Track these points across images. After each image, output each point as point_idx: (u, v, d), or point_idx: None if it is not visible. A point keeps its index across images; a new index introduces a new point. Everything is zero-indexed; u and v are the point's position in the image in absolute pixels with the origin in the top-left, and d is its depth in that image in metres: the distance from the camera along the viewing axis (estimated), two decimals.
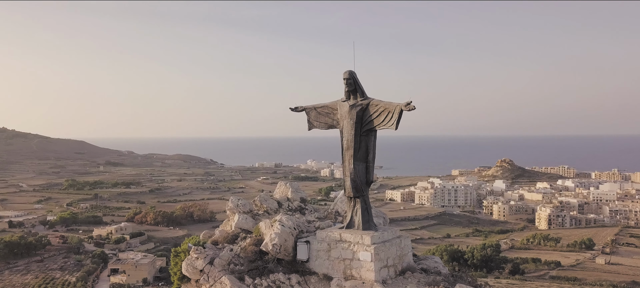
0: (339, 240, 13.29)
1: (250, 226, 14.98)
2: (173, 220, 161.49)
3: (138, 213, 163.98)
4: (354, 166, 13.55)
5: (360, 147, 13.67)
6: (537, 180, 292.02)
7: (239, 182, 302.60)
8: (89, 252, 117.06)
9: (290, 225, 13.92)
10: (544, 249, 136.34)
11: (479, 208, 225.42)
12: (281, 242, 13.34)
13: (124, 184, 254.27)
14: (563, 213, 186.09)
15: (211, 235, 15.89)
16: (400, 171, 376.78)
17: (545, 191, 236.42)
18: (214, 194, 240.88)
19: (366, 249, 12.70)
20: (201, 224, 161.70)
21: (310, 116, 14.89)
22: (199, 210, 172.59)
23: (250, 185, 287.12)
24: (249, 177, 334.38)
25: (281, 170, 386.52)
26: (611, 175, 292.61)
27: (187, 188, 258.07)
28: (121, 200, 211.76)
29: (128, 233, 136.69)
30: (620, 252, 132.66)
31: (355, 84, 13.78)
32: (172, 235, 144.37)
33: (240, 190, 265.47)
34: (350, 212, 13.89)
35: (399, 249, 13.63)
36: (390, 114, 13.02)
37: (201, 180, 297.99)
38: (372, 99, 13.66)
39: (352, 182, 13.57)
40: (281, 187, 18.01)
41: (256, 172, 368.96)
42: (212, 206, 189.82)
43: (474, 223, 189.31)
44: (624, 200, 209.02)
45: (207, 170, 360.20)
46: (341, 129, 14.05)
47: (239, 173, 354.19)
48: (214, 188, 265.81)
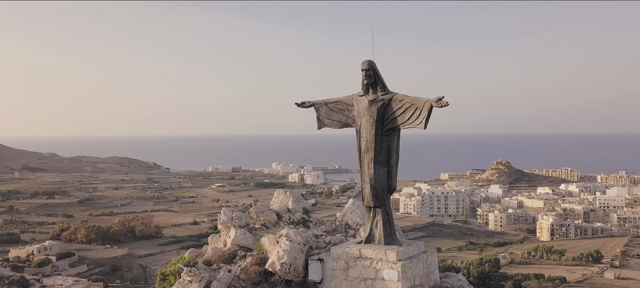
0: (358, 257, 13.63)
1: (250, 242, 15.11)
2: (110, 237, 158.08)
3: (65, 230, 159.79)
4: (375, 171, 13.91)
5: (381, 149, 14.03)
6: (537, 184, 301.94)
7: (188, 190, 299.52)
8: (4, 278, 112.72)
9: (299, 240, 14.16)
10: (547, 263, 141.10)
11: (472, 217, 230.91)
12: (291, 261, 13.56)
13: (47, 194, 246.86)
14: (567, 222, 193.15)
15: (199, 253, 15.92)
16: None
17: (547, 197, 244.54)
18: (159, 205, 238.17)
19: (392, 267, 13.08)
20: (145, 241, 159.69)
21: (321, 113, 15.13)
22: (142, 225, 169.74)
23: (202, 194, 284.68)
24: (200, 183, 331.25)
25: (240, 176, 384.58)
26: (618, 178, 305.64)
27: (126, 198, 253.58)
28: (43, 213, 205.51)
29: (54, 254, 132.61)
30: (631, 264, 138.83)
31: (376, 75, 14.13)
32: (110, 255, 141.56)
33: (190, 199, 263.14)
34: (369, 224, 14.23)
35: (426, 266, 14.10)
36: (418, 110, 13.44)
37: (142, 188, 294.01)
38: (395, 94, 14.04)
39: (372, 189, 13.93)
40: (280, 196, 18.20)
41: (210, 177, 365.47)
42: (158, 219, 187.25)
43: (467, 235, 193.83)
44: (634, 207, 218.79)
45: (149, 176, 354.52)
46: (358, 128, 14.38)
47: (188, 179, 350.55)
48: (158, 197, 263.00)
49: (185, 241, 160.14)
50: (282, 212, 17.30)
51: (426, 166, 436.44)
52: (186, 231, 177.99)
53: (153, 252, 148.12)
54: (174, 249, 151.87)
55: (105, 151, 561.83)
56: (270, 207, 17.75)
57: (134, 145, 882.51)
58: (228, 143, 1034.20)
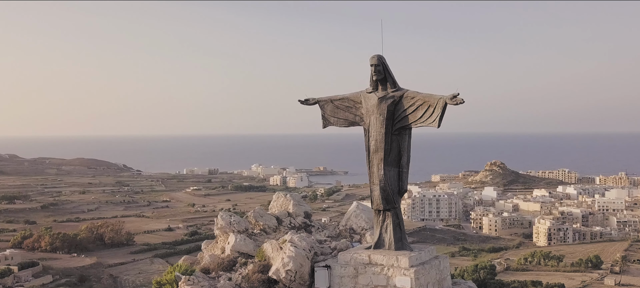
0: (368, 263, 13.79)
1: (251, 249, 15.19)
2: (77, 245, 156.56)
3: (28, 237, 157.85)
4: (385, 172, 14.09)
5: (391, 149, 14.21)
6: (533, 186, 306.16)
7: (161, 193, 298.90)
8: None
9: (305, 246, 14.28)
10: (545, 270, 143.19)
11: (465, 221, 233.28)
12: (296, 268, 13.67)
13: (6, 198, 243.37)
14: (565, 227, 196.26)
15: (194, 261, 15.94)
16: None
17: (543, 200, 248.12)
18: (130, 210, 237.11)
19: (404, 273, 13.26)
20: (116, 249, 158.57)
21: (326, 110, 15.28)
22: (112, 231, 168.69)
23: (176, 198, 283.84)
24: (174, 187, 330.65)
25: (217, 178, 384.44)
26: (618, 180, 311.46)
27: (93, 202, 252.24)
28: (3, 220, 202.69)
29: (15, 264, 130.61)
30: (631, 270, 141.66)
31: (386, 71, 14.31)
32: (77, 265, 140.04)
33: (163, 204, 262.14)
34: (378, 228, 14.40)
35: (438, 272, 14.33)
36: (431, 108, 13.65)
37: (112, 191, 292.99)
38: (406, 90, 14.25)
39: (382, 191, 14.10)
40: (279, 199, 18.31)
41: (184, 180, 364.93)
42: (129, 225, 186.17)
43: (460, 240, 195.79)
44: (634, 209, 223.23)
45: (119, 179, 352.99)
46: (367, 127, 14.54)
47: (161, 182, 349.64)
48: (129, 202, 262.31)
49: (159, 249, 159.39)
50: (283, 216, 17.41)
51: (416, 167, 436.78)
52: (160, 238, 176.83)
53: (124, 261, 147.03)
54: (147, 257, 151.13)
55: (71, 152, 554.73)
56: (270, 211, 17.84)
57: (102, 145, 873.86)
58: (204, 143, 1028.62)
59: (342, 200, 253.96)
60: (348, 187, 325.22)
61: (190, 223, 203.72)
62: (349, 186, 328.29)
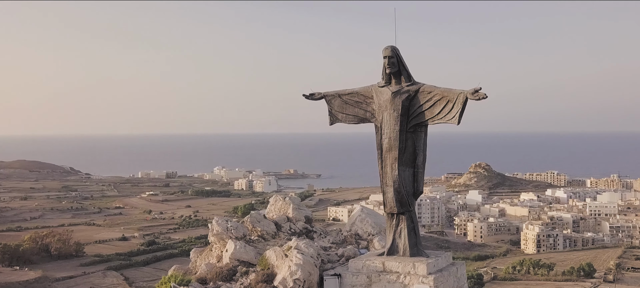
0: (382, 271, 14.02)
1: (252, 256, 15.28)
2: (19, 257, 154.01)
3: None
4: (399, 172, 14.34)
5: (406, 148, 14.47)
6: (520, 189, 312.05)
7: (114, 199, 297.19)
8: None
9: (312, 253, 14.45)
10: (535, 279, 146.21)
11: (449, 227, 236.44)
12: (305, 276, 13.82)
13: None
14: (555, 233, 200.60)
15: (186, 270, 15.95)
16: (344, 181, 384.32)
17: (531, 204, 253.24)
18: (79, 218, 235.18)
19: (423, 281, 13.54)
20: (63, 261, 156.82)
21: (333, 106, 15.45)
22: (59, 242, 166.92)
23: (131, 204, 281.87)
24: (128, 192, 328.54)
25: (176, 182, 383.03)
26: (610, 182, 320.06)
27: (37, 209, 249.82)
28: None
29: None
30: (626, 279, 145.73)
31: (400, 64, 14.55)
32: (20, 279, 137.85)
33: (116, 211, 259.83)
34: (391, 233, 14.65)
35: (456, 280, 14.67)
36: (450, 103, 13.96)
37: (57, 197, 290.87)
38: (422, 84, 14.53)
39: (396, 193, 14.34)
40: (278, 202, 18.43)
41: (139, 185, 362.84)
42: (78, 235, 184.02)
43: (443, 247, 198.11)
44: (627, 214, 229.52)
45: (65, 183, 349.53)
46: (379, 124, 14.77)
47: (113, 186, 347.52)
48: (77, 209, 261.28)
49: (113, 260, 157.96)
50: (281, 221, 17.54)
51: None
52: (113, 248, 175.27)
53: (73, 274, 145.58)
54: (99, 270, 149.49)
55: (10, 153, 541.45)
56: (267, 216, 17.93)
57: (46, 146, 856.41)
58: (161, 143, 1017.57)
59: (315, 206, 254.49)
60: (321, 191, 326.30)
61: (147, 232, 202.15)
62: (322, 190, 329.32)
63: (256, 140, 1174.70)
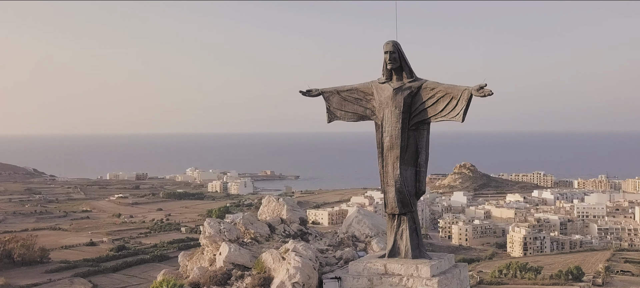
0: (384, 274, 14.18)
1: (247, 260, 15.34)
2: None
3: None
4: (401, 171, 14.50)
5: (408, 146, 14.63)
6: (506, 190, 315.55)
7: (81, 202, 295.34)
8: None
9: (311, 255, 14.56)
10: (522, 283, 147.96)
11: (433, 230, 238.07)
12: (304, 279, 13.92)
13: None
14: (542, 235, 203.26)
15: (177, 274, 15.94)
16: (325, 182, 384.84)
17: (517, 206, 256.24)
18: (43, 222, 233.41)
19: (426, 284, 13.74)
20: (27, 268, 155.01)
21: (332, 103, 15.53)
22: (22, 247, 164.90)
23: (99, 207, 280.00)
24: (96, 194, 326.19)
25: (146, 184, 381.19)
26: (598, 183, 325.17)
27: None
28: None
29: None
30: (615, 282, 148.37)
31: (401, 59, 14.69)
32: None
33: (83, 214, 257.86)
34: (392, 234, 14.82)
35: (459, 282, 14.89)
36: (454, 100, 14.15)
37: (20, 201, 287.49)
38: (425, 81, 14.69)
39: (398, 193, 14.50)
40: (271, 203, 18.49)
41: (108, 187, 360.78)
42: (43, 240, 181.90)
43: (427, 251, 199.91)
44: (616, 216, 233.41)
45: (28, 186, 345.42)
46: (380, 121, 14.90)
47: (80, 189, 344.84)
48: (41, 212, 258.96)
49: (80, 267, 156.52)
50: (275, 223, 17.61)
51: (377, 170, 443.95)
52: (81, 254, 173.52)
53: (38, 282, 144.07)
54: (66, 277, 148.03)
55: None
56: (260, 217, 17.99)
57: (7, 145, 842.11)
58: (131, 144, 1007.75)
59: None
60: (300, 193, 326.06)
61: (117, 237, 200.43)
62: (301, 193, 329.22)
63: (230, 140, 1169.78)
